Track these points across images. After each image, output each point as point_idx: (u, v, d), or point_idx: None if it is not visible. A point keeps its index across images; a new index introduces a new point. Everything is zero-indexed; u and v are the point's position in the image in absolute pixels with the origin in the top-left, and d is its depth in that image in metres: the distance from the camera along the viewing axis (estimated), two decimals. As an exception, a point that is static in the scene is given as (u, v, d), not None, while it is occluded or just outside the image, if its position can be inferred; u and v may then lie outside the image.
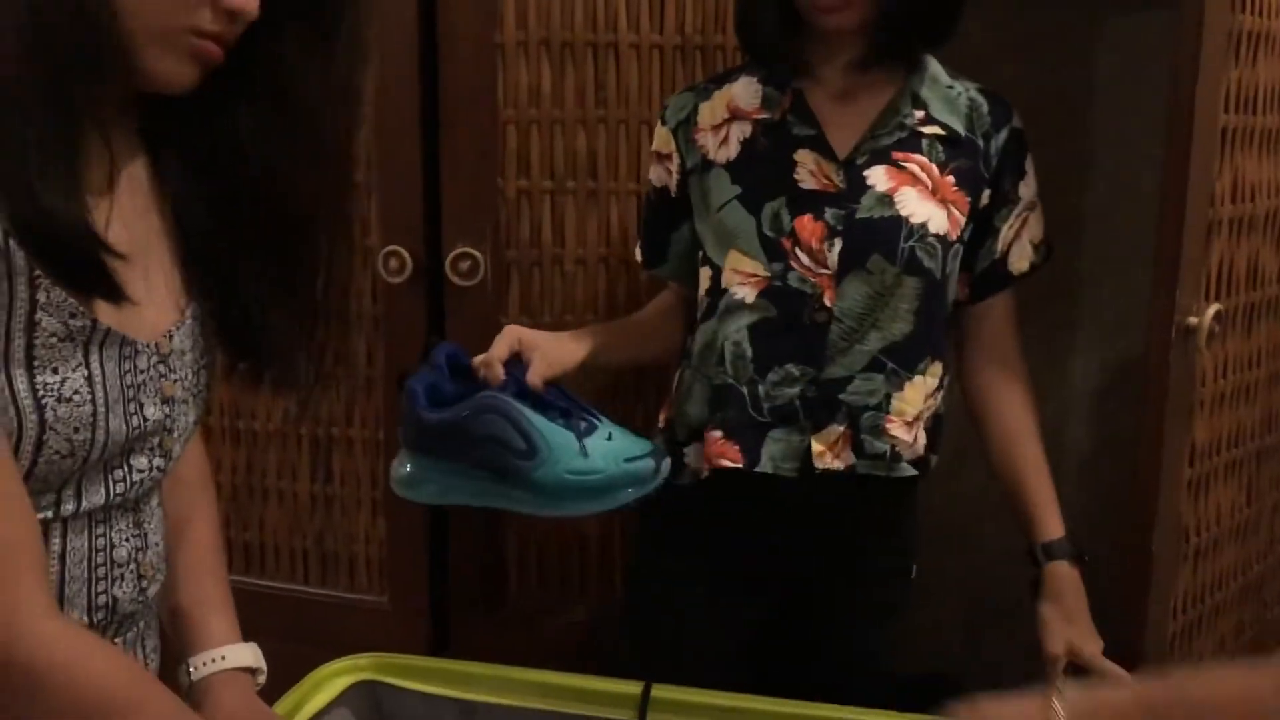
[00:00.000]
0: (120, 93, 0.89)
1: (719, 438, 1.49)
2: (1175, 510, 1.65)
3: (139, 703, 0.86)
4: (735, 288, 1.49)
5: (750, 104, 1.51)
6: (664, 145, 1.58)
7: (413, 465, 1.45)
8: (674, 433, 1.58)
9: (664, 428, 1.61)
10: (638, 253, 1.67)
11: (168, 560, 1.07)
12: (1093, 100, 2.33)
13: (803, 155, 1.47)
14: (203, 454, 1.19)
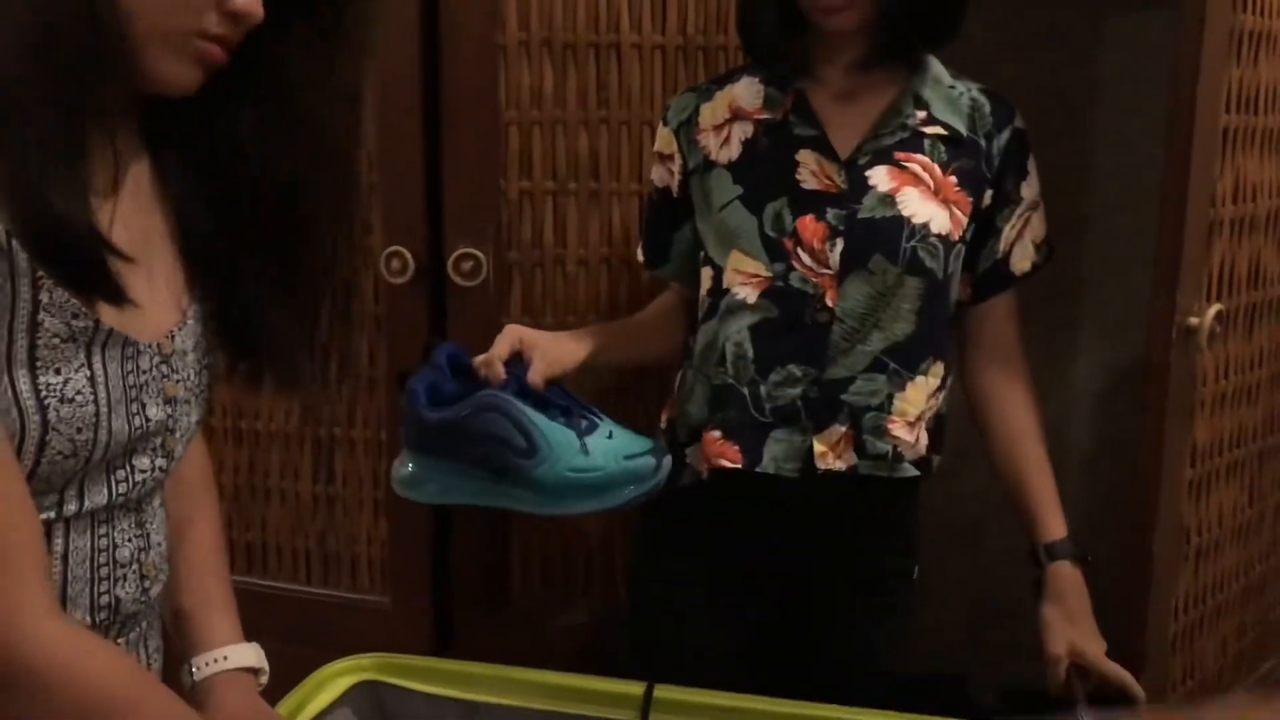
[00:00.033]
0: (124, 94, 0.89)
1: (718, 438, 1.49)
2: (1176, 511, 1.65)
3: (139, 703, 0.86)
4: (737, 288, 1.49)
5: (752, 104, 1.51)
6: (666, 146, 1.58)
7: (414, 465, 1.45)
8: (675, 433, 1.58)
9: (665, 428, 1.61)
10: (639, 253, 1.67)
11: (170, 560, 1.07)
12: (1093, 100, 2.33)
13: (804, 155, 1.47)
14: (205, 454, 1.19)
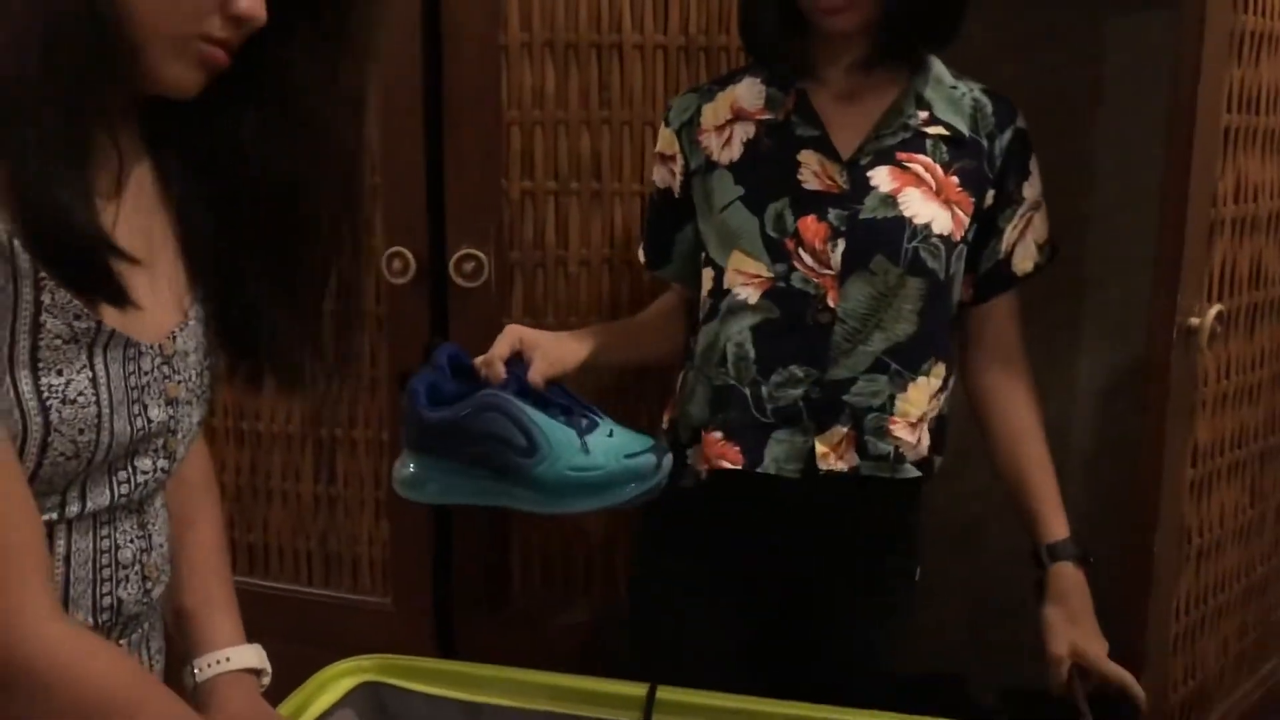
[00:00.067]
0: (126, 95, 0.89)
1: (719, 439, 1.49)
2: (1177, 511, 1.65)
3: (141, 704, 0.86)
4: (738, 289, 1.48)
5: (754, 105, 1.51)
6: (667, 146, 1.58)
7: (415, 465, 1.45)
8: (677, 434, 1.58)
9: (667, 429, 1.61)
10: (641, 254, 1.67)
11: (172, 561, 1.07)
12: (1095, 101, 2.33)
13: (806, 156, 1.47)
14: (206, 455, 1.18)
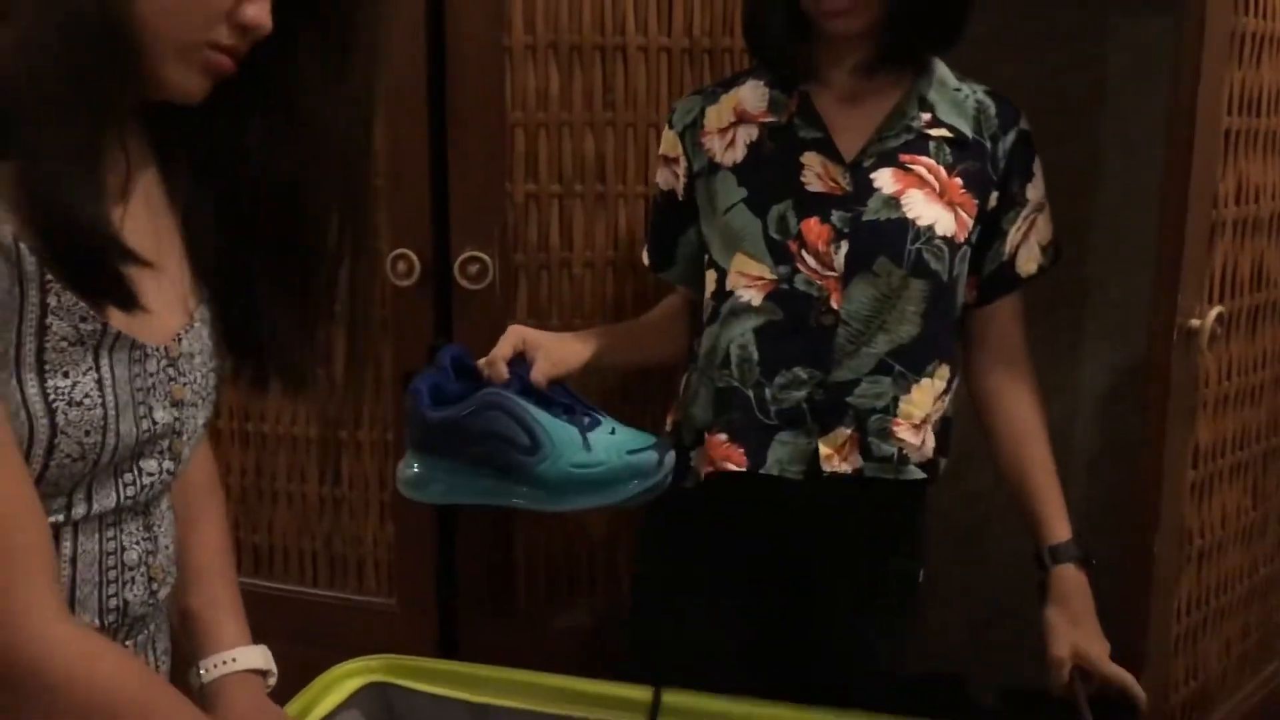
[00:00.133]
0: (133, 100, 0.90)
1: (723, 441, 1.49)
2: (1178, 512, 1.65)
3: (148, 705, 0.87)
4: (741, 291, 1.49)
5: (757, 107, 1.52)
6: (671, 149, 1.58)
7: (419, 465, 1.45)
8: (680, 436, 1.58)
9: (670, 431, 1.61)
10: (645, 256, 1.68)
11: (177, 563, 1.07)
12: (1096, 102, 2.33)
13: (809, 158, 1.47)
14: (211, 457, 1.19)
